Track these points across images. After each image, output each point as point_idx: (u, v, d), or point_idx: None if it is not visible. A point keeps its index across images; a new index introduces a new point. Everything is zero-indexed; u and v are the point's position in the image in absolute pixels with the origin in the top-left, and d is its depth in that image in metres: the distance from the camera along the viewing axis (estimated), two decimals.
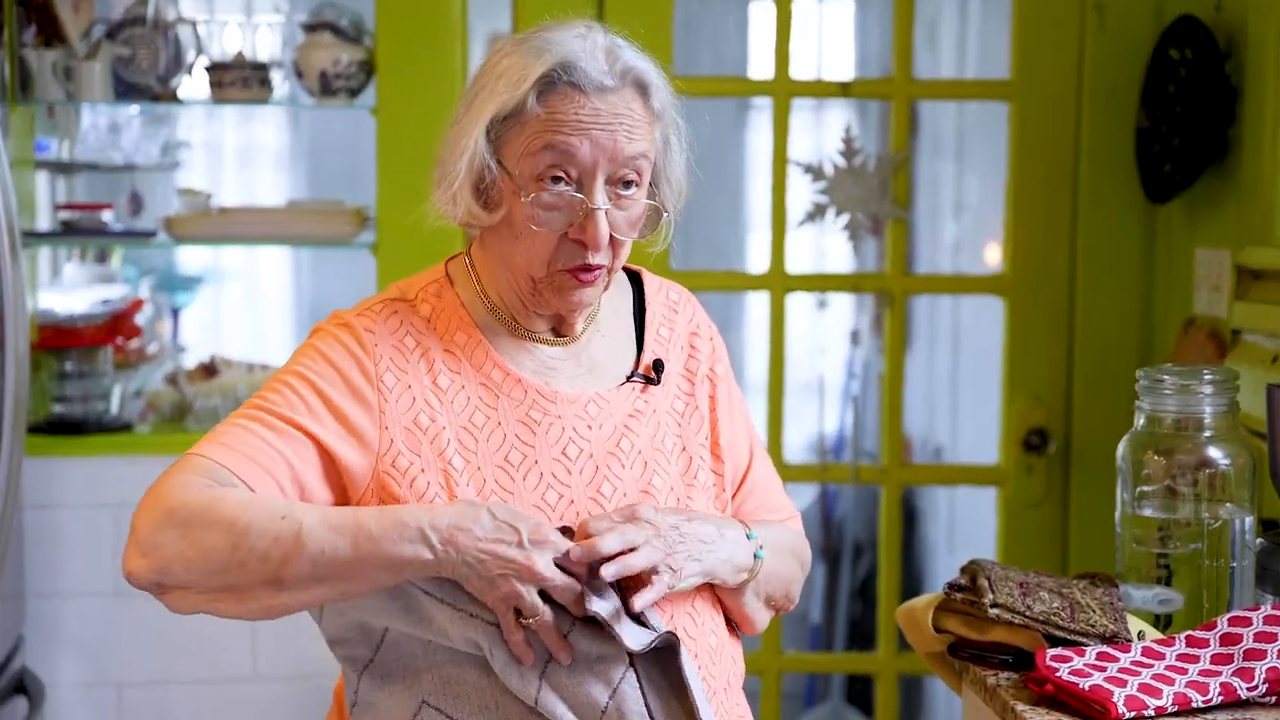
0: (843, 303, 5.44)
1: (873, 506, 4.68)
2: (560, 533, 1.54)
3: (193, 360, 3.60)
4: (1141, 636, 1.82)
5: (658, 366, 1.70)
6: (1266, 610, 1.77)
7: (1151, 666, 1.71)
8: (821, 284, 4.29)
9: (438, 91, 2.98)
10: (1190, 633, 1.78)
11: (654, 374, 1.69)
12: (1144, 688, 1.66)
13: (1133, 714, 1.62)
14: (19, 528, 2.84)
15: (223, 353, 3.46)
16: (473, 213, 1.59)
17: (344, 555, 1.46)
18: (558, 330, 1.67)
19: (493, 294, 1.65)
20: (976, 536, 3.83)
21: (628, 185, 1.58)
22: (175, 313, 4.58)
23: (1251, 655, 1.71)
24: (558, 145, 1.54)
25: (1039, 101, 3.02)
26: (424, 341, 1.62)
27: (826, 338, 5.49)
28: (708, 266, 4.60)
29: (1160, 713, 1.64)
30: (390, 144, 3.00)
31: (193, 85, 3.19)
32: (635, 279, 1.76)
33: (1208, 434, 1.95)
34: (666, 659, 1.52)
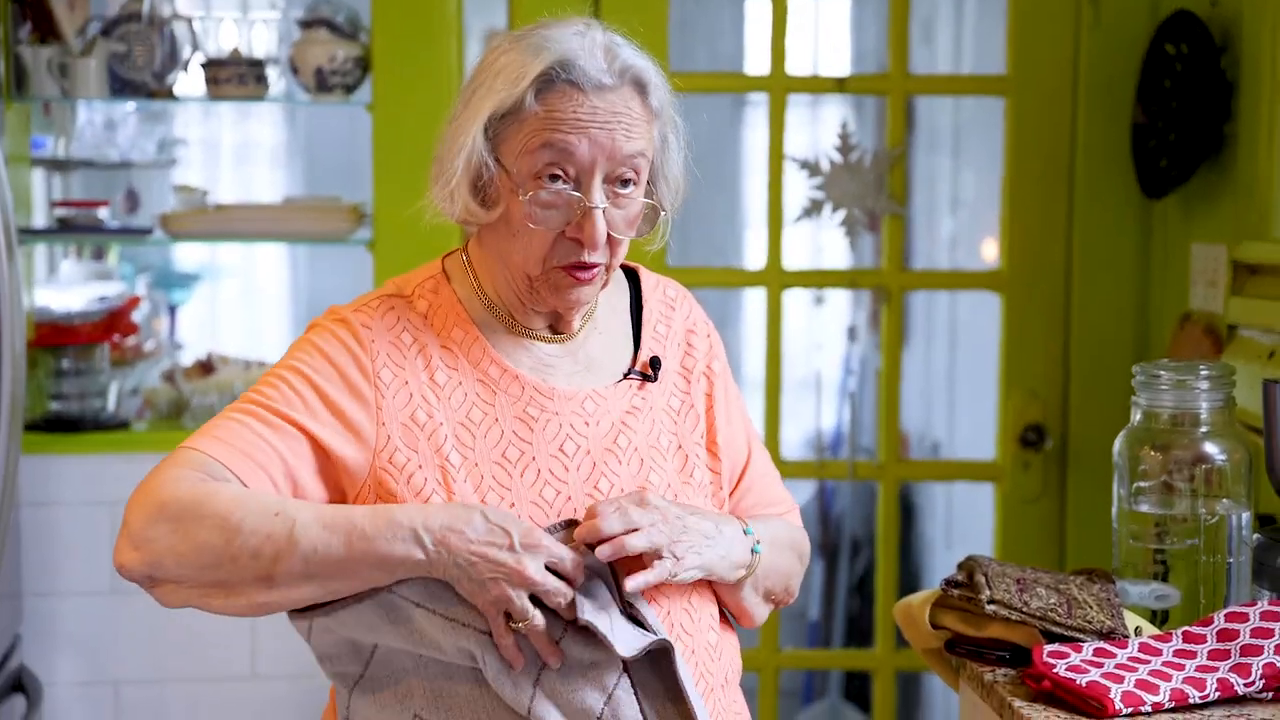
0: (839, 299, 5.45)
1: (870, 503, 4.68)
2: (565, 525, 1.54)
3: (189, 357, 3.60)
4: (1138, 632, 1.82)
5: (655, 364, 1.69)
6: (1263, 606, 1.77)
7: (1148, 662, 1.72)
8: (818, 280, 4.30)
9: (434, 88, 2.97)
10: (1187, 629, 1.78)
11: (651, 371, 1.69)
12: (1141, 684, 1.66)
13: (1129, 710, 1.63)
14: (16, 526, 2.83)
15: (219, 350, 3.46)
16: (470, 210, 1.59)
17: (336, 554, 1.46)
18: (555, 327, 1.67)
19: (490, 291, 1.65)
20: (974, 532, 3.83)
21: (625, 184, 1.57)
22: (172, 310, 4.58)
23: (1248, 651, 1.71)
24: (556, 143, 1.53)
25: (1035, 97, 3.02)
26: (421, 338, 1.62)
27: (823, 334, 5.50)
28: (705, 263, 4.60)
29: (1157, 709, 1.64)
30: (386, 140, 3.00)
31: (188, 82, 3.19)
32: (632, 276, 1.76)
33: (1204, 429, 1.95)
34: (661, 663, 1.51)
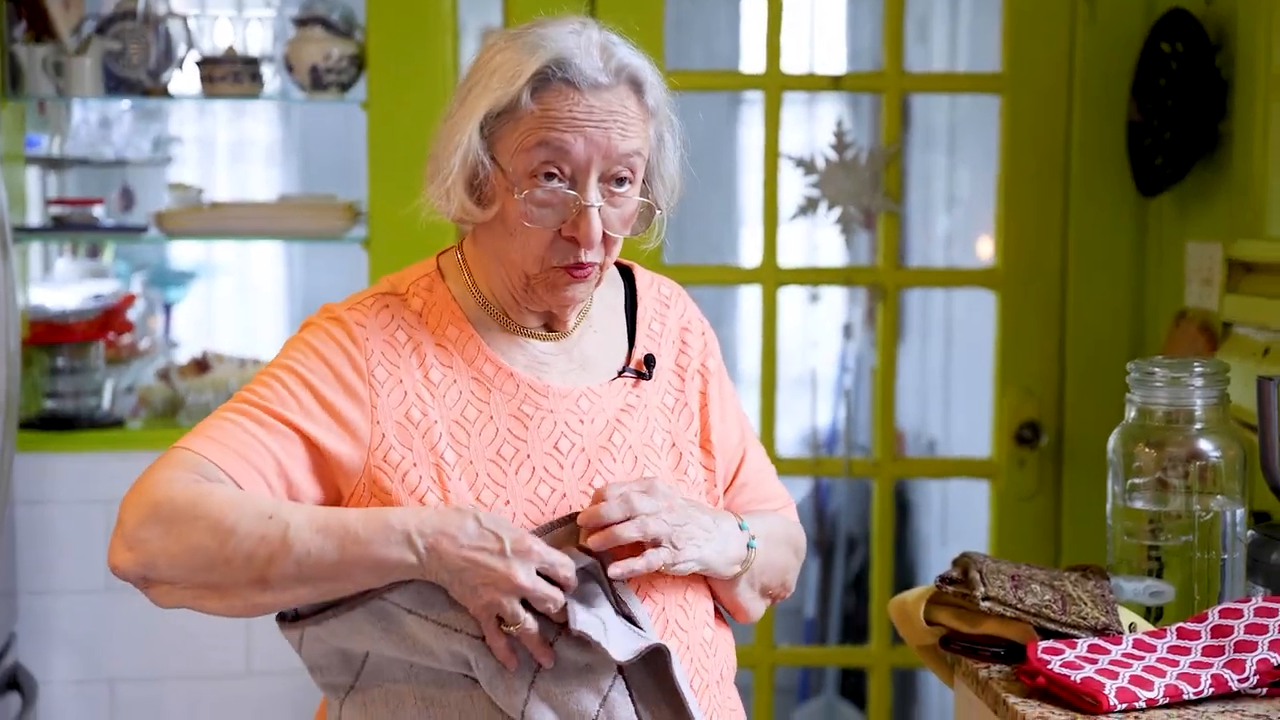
0: (835, 296, 5.45)
1: (865, 500, 4.68)
2: (565, 521, 1.54)
3: (185, 356, 3.60)
4: (1133, 629, 1.82)
5: (649, 361, 1.69)
6: (1257, 602, 1.77)
7: (1143, 659, 1.72)
8: (814, 278, 4.30)
9: (429, 86, 2.97)
10: (1181, 625, 1.79)
11: (645, 369, 1.69)
12: (1135, 680, 1.66)
13: (1124, 706, 1.63)
14: (11, 524, 2.83)
15: (215, 348, 3.46)
16: (466, 209, 1.59)
17: (330, 557, 1.46)
18: (549, 325, 1.66)
19: (484, 288, 1.65)
20: (969, 529, 3.84)
21: (621, 182, 1.57)
22: (167, 308, 4.58)
23: (1242, 647, 1.71)
24: (552, 142, 1.53)
25: (1030, 95, 3.02)
26: (415, 335, 1.61)
27: (819, 331, 5.50)
28: (700, 261, 4.60)
29: (1151, 705, 1.64)
30: (381, 138, 3.00)
31: (183, 80, 3.19)
32: (627, 274, 1.76)
33: (1199, 426, 1.95)
34: (657, 664, 1.50)
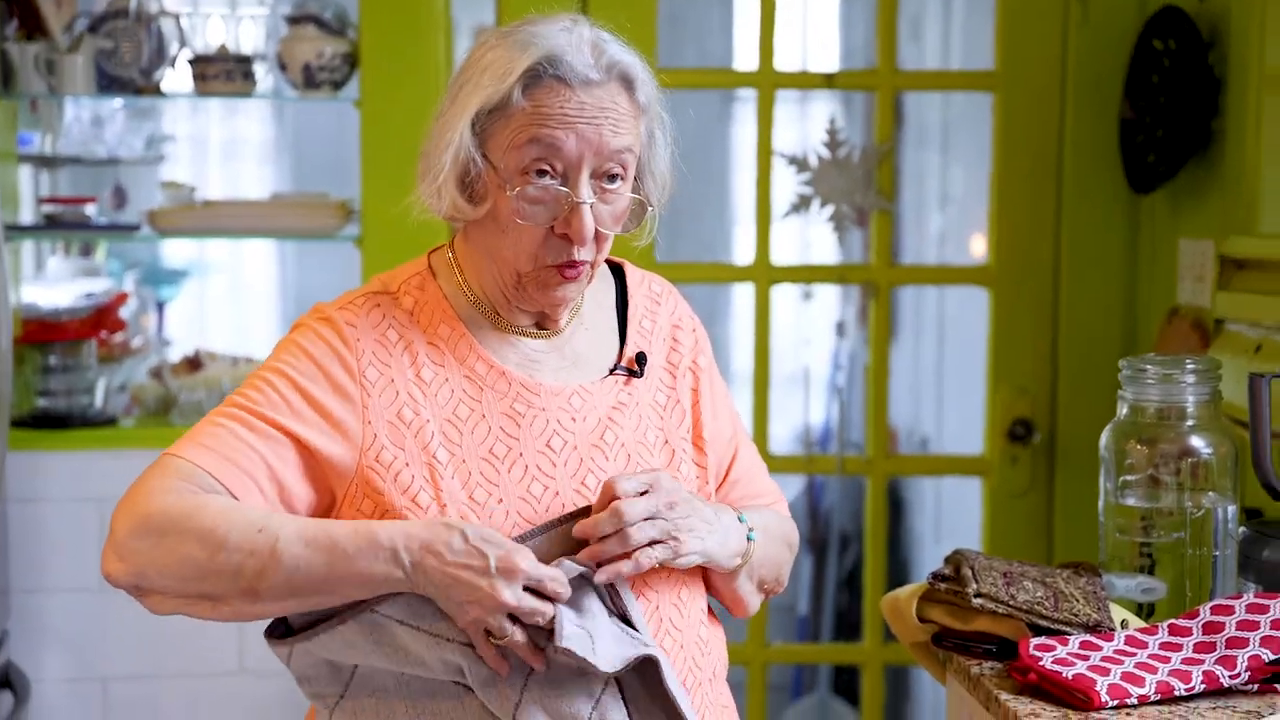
0: (828, 294, 5.45)
1: (859, 497, 4.68)
2: (565, 520, 1.53)
3: (177, 354, 3.59)
4: (1124, 625, 1.82)
5: (640, 359, 1.70)
6: (1249, 599, 1.78)
7: (1134, 655, 1.72)
8: (807, 275, 4.30)
9: (422, 84, 2.97)
10: (1173, 621, 1.79)
11: (637, 366, 1.69)
12: (1127, 676, 1.66)
13: (1115, 702, 1.63)
14: (3, 522, 2.83)
15: (207, 346, 3.46)
16: (458, 206, 1.59)
17: (319, 572, 1.46)
18: (541, 323, 1.66)
19: (476, 286, 1.65)
20: (962, 527, 3.84)
21: (613, 179, 1.57)
22: (160, 306, 4.57)
23: (1234, 643, 1.71)
24: (543, 139, 1.53)
25: (1023, 92, 3.03)
26: (407, 334, 1.61)
27: (812, 329, 5.50)
28: (693, 259, 4.60)
29: (1143, 701, 1.64)
30: (374, 137, 3.00)
31: (176, 78, 3.18)
32: (618, 271, 1.76)
33: (1190, 423, 1.96)
34: (649, 669, 1.50)
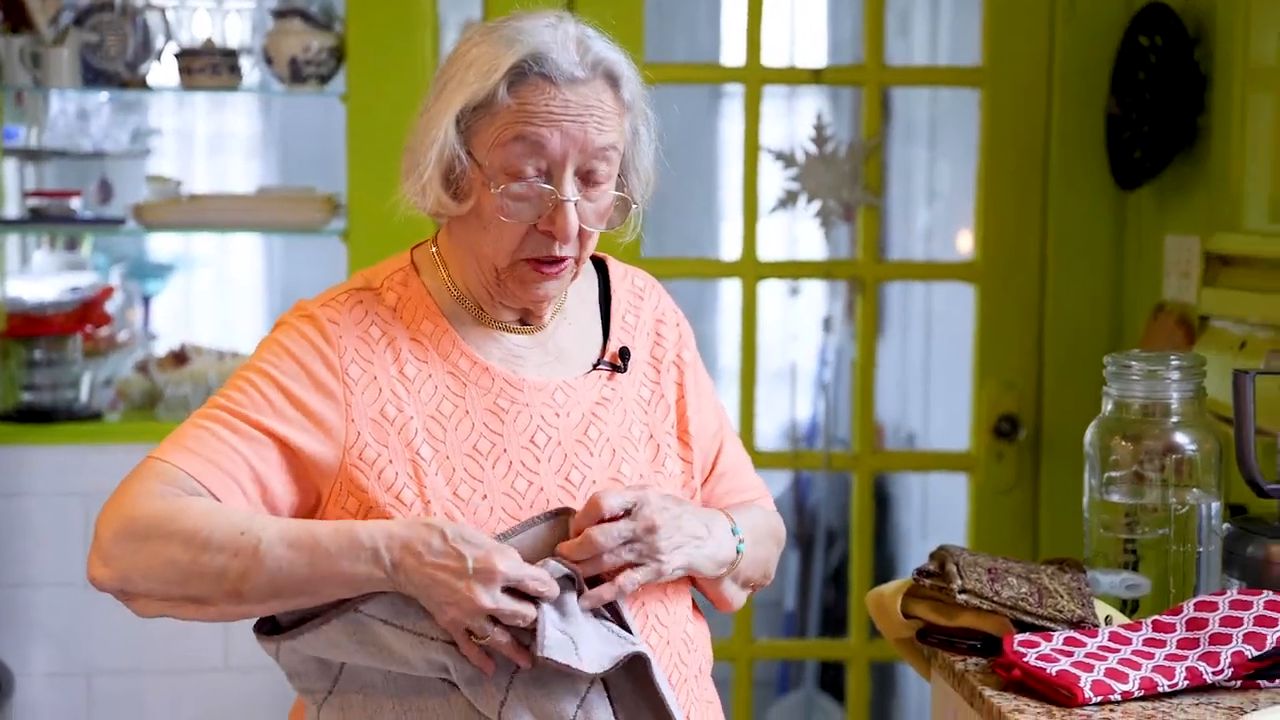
0: (815, 290, 5.45)
1: (845, 493, 4.69)
2: (554, 515, 1.53)
3: (163, 348, 3.59)
4: (1109, 621, 1.83)
5: (624, 354, 1.69)
6: (1232, 595, 1.78)
7: (1118, 651, 1.72)
8: (794, 271, 4.29)
9: (408, 79, 2.97)
10: (1157, 618, 1.79)
11: (621, 362, 1.69)
12: (1110, 672, 1.67)
13: (1099, 698, 1.63)
14: None
15: (193, 340, 3.45)
16: (442, 203, 1.58)
17: (301, 573, 1.47)
18: (524, 319, 1.66)
19: (459, 282, 1.64)
20: (948, 523, 3.84)
21: (597, 177, 1.57)
22: (146, 300, 4.56)
23: (1217, 640, 1.72)
24: (528, 136, 1.53)
25: (1010, 88, 3.03)
26: (390, 331, 1.61)
27: (799, 325, 5.50)
28: (680, 254, 4.57)
29: (1126, 697, 1.65)
30: (361, 131, 2.99)
31: (162, 72, 3.17)
32: (601, 266, 1.76)
33: (1175, 420, 1.96)
34: (636, 667, 1.50)
